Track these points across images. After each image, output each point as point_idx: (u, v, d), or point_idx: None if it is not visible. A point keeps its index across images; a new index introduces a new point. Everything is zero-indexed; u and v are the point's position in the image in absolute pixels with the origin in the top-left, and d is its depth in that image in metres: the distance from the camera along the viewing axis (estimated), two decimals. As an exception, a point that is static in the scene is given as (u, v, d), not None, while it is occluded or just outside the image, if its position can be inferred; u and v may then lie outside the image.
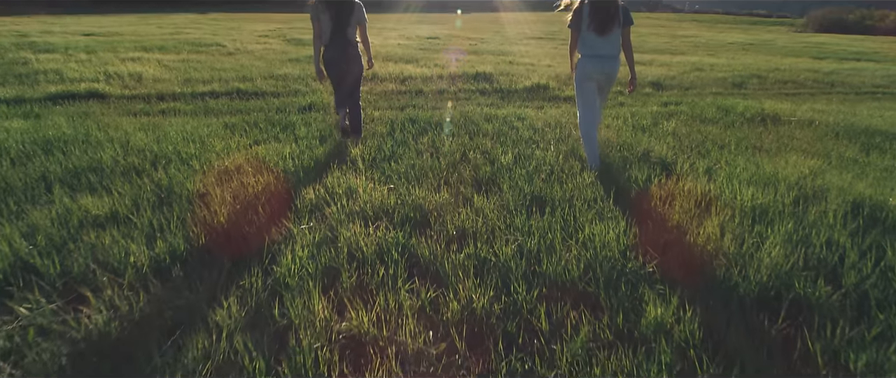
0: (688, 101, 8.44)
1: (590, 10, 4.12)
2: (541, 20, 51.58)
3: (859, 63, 18.17)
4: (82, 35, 19.31)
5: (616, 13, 4.11)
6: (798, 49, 25.09)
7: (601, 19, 4.09)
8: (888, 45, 31.56)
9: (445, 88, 8.66)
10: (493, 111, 6.59)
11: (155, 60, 11.20)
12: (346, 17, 4.65)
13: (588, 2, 4.13)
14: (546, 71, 11.41)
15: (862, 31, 58.32)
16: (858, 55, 22.02)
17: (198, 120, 5.87)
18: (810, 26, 63.55)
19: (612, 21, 4.10)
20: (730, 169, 4.31)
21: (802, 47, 26.56)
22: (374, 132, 5.39)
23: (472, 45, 18.86)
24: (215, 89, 8.04)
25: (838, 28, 60.60)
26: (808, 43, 30.41)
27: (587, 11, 4.12)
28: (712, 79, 11.87)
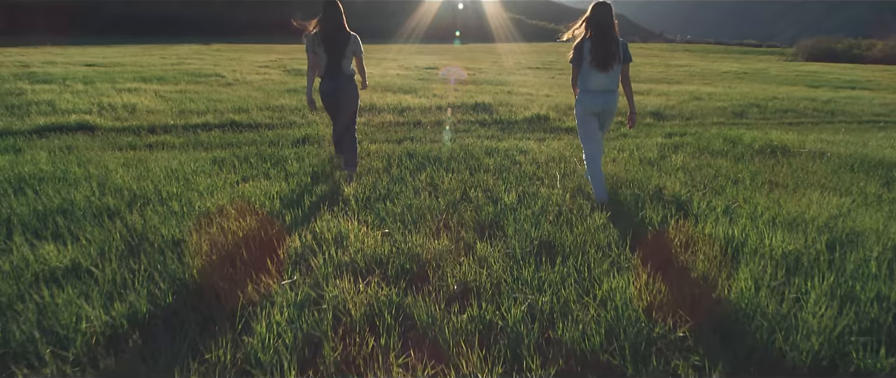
0: (692, 132, 8.13)
1: (591, 46, 4.07)
2: (535, 51, 51.96)
3: (854, 91, 17.97)
4: (84, 65, 19.13)
5: (617, 50, 4.08)
6: (792, 78, 25.01)
7: (603, 56, 4.04)
8: (879, 73, 31.56)
9: (444, 119, 8.35)
10: (493, 144, 6.25)
11: (152, 91, 10.91)
12: (343, 49, 4.53)
13: (589, 38, 4.09)
14: (545, 101, 11.14)
15: (850, 60, 58.75)
16: (852, 83, 21.89)
17: (186, 154, 5.52)
18: (800, 55, 64.14)
19: (613, 57, 4.06)
20: (750, 208, 3.95)
21: (796, 76, 26.50)
22: (370, 168, 5.03)
23: (471, 75, 18.68)
24: (209, 121, 7.71)
25: (827, 57, 61.10)
26: (801, 71, 30.38)
27: (588, 48, 4.08)
28: (712, 108, 11.60)
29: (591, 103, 4.18)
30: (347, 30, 4.59)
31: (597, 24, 4.07)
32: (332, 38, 4.49)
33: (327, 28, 4.48)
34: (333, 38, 4.49)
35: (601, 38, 4.06)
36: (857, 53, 64.26)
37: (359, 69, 4.81)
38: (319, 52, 4.51)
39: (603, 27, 4.06)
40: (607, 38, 4.05)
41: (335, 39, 4.49)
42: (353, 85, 4.73)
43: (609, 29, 4.07)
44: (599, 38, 4.06)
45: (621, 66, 4.14)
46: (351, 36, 4.59)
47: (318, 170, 4.93)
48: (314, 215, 3.61)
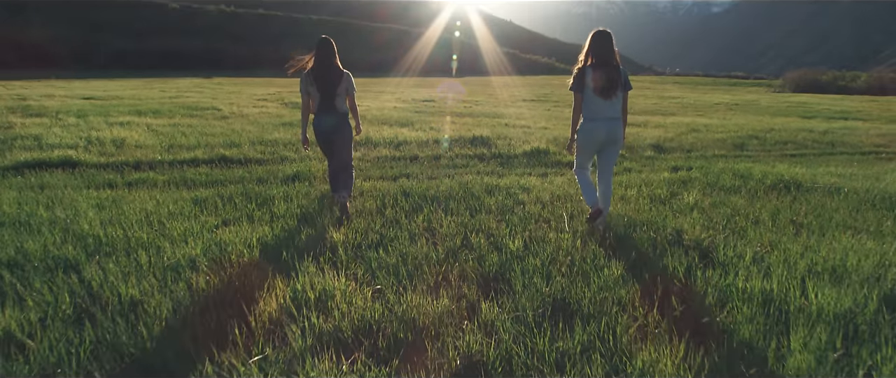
0: (697, 166, 7.74)
1: (594, 73, 3.99)
2: (529, 84, 52.07)
3: (848, 122, 17.74)
4: (82, 98, 18.79)
5: (620, 77, 4.02)
6: (783, 108, 24.90)
7: (606, 83, 3.97)
8: (867, 104, 31.58)
9: (442, 154, 7.94)
10: (494, 181, 5.82)
11: (144, 125, 10.51)
12: (335, 87, 4.49)
13: (590, 66, 4.02)
14: (543, 134, 10.78)
15: (836, 91, 59.20)
16: (844, 114, 21.71)
17: (167, 193, 5.06)
18: (787, 87, 64.69)
19: (616, 85, 4.00)
20: (780, 255, 3.50)
21: (787, 107, 26.42)
22: (363, 209, 4.57)
23: (467, 108, 18.40)
24: (198, 156, 7.28)
25: (814, 88, 61.62)
26: (791, 102, 30.35)
27: (590, 75, 4.00)
28: (711, 140, 11.26)
29: (593, 132, 4.09)
30: (340, 67, 4.55)
31: (598, 51, 4.00)
32: (325, 75, 4.45)
33: (320, 65, 4.46)
34: (326, 76, 4.45)
35: (603, 65, 3.98)
36: (843, 85, 64.91)
37: (351, 109, 4.71)
38: (312, 90, 4.47)
39: (605, 54, 3.99)
40: (609, 65, 3.98)
41: (328, 77, 4.45)
42: (347, 122, 4.67)
43: (611, 56, 4.00)
44: (602, 66, 3.98)
45: (622, 93, 4.08)
46: (344, 73, 4.53)
47: (307, 211, 4.48)
48: (297, 267, 3.14)
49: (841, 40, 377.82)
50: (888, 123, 17.90)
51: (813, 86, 63.20)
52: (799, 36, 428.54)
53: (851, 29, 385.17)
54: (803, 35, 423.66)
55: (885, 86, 63.43)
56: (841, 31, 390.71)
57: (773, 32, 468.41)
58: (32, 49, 66.35)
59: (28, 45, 66.50)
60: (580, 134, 4.19)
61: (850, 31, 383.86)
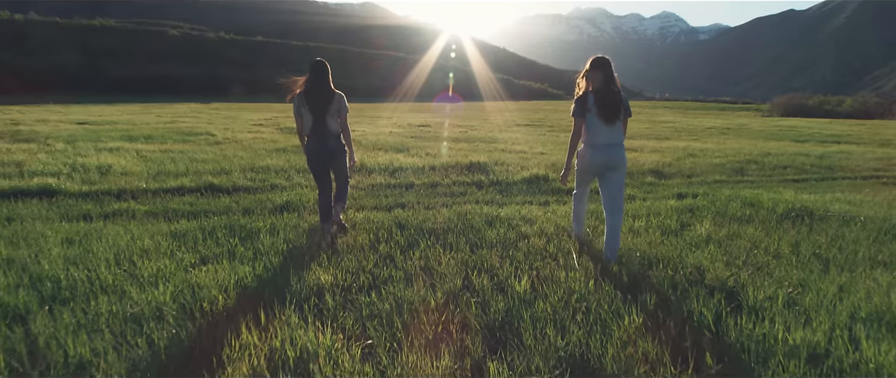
0: (702, 192, 7.40)
1: (596, 99, 3.89)
2: (523, 109, 52.16)
3: (841, 146, 17.52)
4: (76, 123, 18.41)
5: (621, 103, 3.93)
6: (775, 132, 24.75)
7: (608, 108, 3.88)
8: (856, 127, 31.55)
9: (439, 181, 7.57)
10: (494, 211, 5.43)
11: (134, 151, 10.12)
12: (327, 107, 4.37)
13: (592, 91, 3.92)
14: (540, 159, 10.45)
15: (823, 115, 59.62)
16: (836, 138, 21.56)
17: (145, 226, 4.65)
18: (776, 111, 65.10)
19: (618, 111, 3.91)
20: (815, 296, 3.11)
21: (778, 130, 26.30)
22: (353, 244, 4.16)
23: (462, 133, 18.12)
24: (185, 184, 6.87)
25: (801, 112, 62.03)
26: (782, 126, 30.29)
27: (592, 101, 3.90)
28: (710, 164, 10.96)
29: (594, 158, 3.98)
30: (333, 88, 4.43)
31: (599, 77, 3.91)
32: (317, 96, 4.34)
33: (312, 87, 4.36)
34: (318, 97, 4.34)
35: (605, 91, 3.89)
36: (829, 109, 65.43)
37: (343, 131, 4.56)
38: (304, 112, 4.36)
39: (606, 80, 3.90)
40: (611, 90, 3.90)
41: (320, 98, 4.34)
42: (341, 144, 4.53)
43: (612, 82, 3.92)
44: (604, 92, 3.89)
45: (622, 119, 3.99)
46: (336, 94, 4.42)
47: (294, 246, 4.07)
48: (278, 316, 2.73)
49: (823, 66, 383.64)
50: (881, 147, 17.72)
51: (800, 110, 63.67)
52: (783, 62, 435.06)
53: (833, 55, 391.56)
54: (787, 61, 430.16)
55: (869, 110, 64.05)
56: (823, 58, 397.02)
57: (758, 58, 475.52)
58: (33, 75, 66.29)
59: (28, 72, 66.48)
60: (580, 159, 4.09)
61: (831, 58, 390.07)
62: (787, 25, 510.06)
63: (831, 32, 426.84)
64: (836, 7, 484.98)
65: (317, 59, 4.48)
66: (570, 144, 4.09)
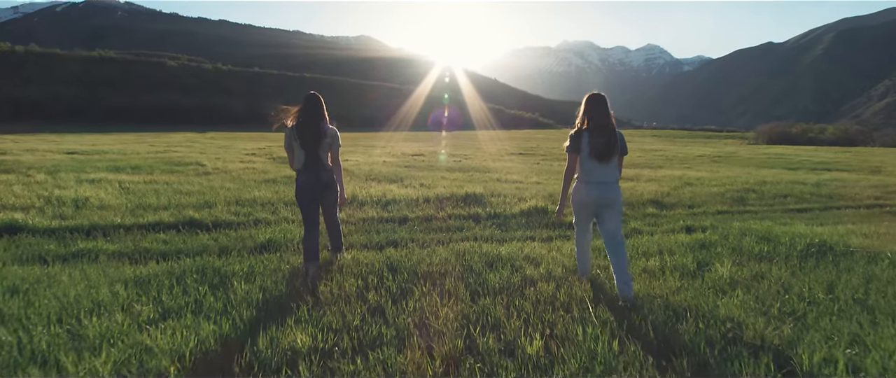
0: (709, 224, 6.95)
1: (591, 137, 3.81)
2: (514, 138, 52.03)
3: (834, 173, 17.23)
4: (64, 153, 17.83)
5: (617, 141, 3.84)
6: (765, 160, 24.53)
7: (602, 147, 3.79)
8: (842, 155, 31.43)
9: (433, 214, 7.06)
10: (494, 249, 4.91)
11: (117, 182, 9.55)
12: (320, 141, 4.13)
13: (587, 129, 3.84)
14: (537, 189, 9.99)
15: (806, 142, 60.02)
16: (826, 165, 21.33)
17: (106, 271, 4.08)
18: (761, 139, 65.56)
19: (613, 149, 3.82)
20: (877, 359, 2.60)
21: (767, 158, 26.11)
22: (339, 293, 3.61)
23: (456, 162, 17.70)
24: (163, 220, 6.32)
25: (785, 140, 62.46)
26: (769, 154, 30.16)
27: (587, 139, 3.81)
28: (709, 194, 10.54)
29: (588, 195, 3.86)
30: (327, 122, 4.24)
31: (595, 115, 3.83)
32: (310, 130, 4.11)
33: (305, 120, 4.13)
34: (311, 130, 4.11)
35: (600, 129, 3.80)
36: (812, 136, 65.93)
37: (333, 164, 4.31)
38: (296, 145, 4.13)
39: (601, 118, 3.82)
40: (606, 129, 3.80)
41: (313, 131, 4.11)
42: (333, 180, 4.28)
43: (607, 119, 3.83)
44: (598, 130, 3.80)
45: (618, 157, 3.89)
46: (329, 129, 4.21)
47: (271, 294, 3.53)
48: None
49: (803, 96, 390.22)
50: (873, 174, 17.46)
51: (784, 138, 64.11)
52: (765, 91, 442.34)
53: (812, 85, 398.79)
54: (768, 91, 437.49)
55: (852, 137, 64.67)
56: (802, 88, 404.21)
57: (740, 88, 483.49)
58: (30, 105, 65.77)
59: (26, 101, 65.94)
60: (575, 195, 3.96)
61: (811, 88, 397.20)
62: (766, 57, 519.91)
63: (809, 64, 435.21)
64: (812, 40, 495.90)
65: (310, 92, 4.26)
66: (564, 179, 4.02)
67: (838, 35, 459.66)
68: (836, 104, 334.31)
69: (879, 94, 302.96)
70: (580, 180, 3.91)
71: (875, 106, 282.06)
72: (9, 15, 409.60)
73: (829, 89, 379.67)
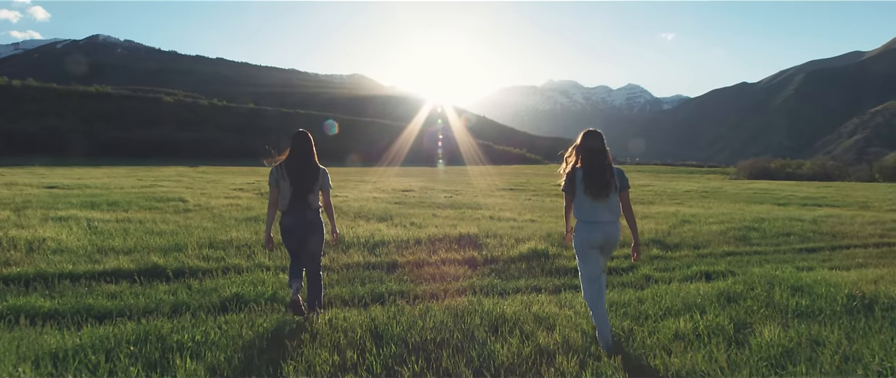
0: (724, 268, 6.25)
1: (584, 174, 3.60)
2: (503, 173, 51.60)
3: (826, 209, 16.68)
4: (45, 187, 16.85)
5: (611, 178, 3.60)
6: (751, 195, 24.09)
7: (597, 185, 3.56)
8: (824, 189, 31.12)
9: (425, 259, 6.27)
10: (496, 305, 4.12)
11: (86, 221, 8.68)
12: (311, 182, 3.95)
13: (581, 166, 3.64)
14: (533, 228, 9.27)
15: (785, 177, 60.27)
16: (813, 200, 20.92)
17: (23, 341, 3.24)
18: (742, 174, 65.81)
19: (607, 186, 3.58)
20: None
21: (753, 193, 25.70)
22: (310, 370, 2.80)
23: (448, 198, 16.97)
24: (122, 267, 5.47)
25: (765, 175, 62.72)
26: (754, 189, 29.82)
27: (580, 177, 3.61)
28: (710, 232, 9.88)
29: (589, 235, 3.59)
30: (317, 162, 4.05)
31: (588, 151, 3.64)
32: (300, 169, 3.93)
33: (295, 159, 3.95)
34: (301, 170, 3.93)
35: (593, 165, 3.60)
36: (790, 171, 66.37)
37: (326, 208, 4.11)
38: (284, 184, 3.92)
39: (595, 154, 3.62)
40: (600, 165, 3.59)
41: (303, 171, 3.94)
42: (319, 220, 4.04)
43: (602, 156, 3.61)
44: (592, 166, 3.60)
45: (619, 193, 3.64)
46: (320, 169, 4.04)
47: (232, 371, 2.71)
48: None
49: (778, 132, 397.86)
50: (863, 210, 16.96)
51: (764, 173, 64.37)
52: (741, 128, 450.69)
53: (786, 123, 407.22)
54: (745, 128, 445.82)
55: (828, 172, 65.13)
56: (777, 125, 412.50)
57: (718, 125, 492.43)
58: (24, 137, 64.42)
59: (20, 134, 64.61)
60: (576, 238, 3.68)
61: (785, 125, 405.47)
62: (742, 96, 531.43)
63: (782, 103, 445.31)
64: (783, 80, 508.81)
65: (299, 130, 4.08)
66: (565, 218, 3.87)
67: (807, 76, 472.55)
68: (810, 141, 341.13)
69: (849, 131, 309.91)
70: (580, 221, 3.65)
71: (845, 142, 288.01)
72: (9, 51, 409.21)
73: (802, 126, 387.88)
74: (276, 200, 4.00)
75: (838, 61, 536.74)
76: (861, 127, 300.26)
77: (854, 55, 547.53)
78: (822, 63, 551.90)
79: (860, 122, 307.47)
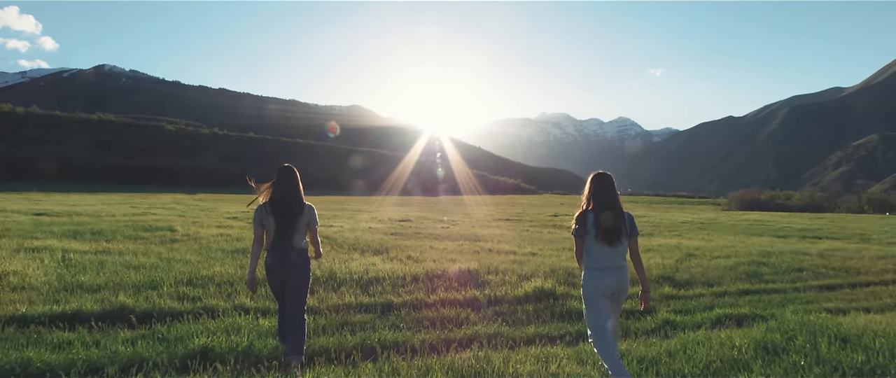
0: (750, 312, 5.62)
1: (595, 219, 3.43)
2: (498, 203, 51.01)
3: (828, 243, 16.10)
4: (32, 214, 16.09)
5: (622, 223, 3.45)
6: (747, 227, 23.54)
7: (608, 230, 3.39)
8: (818, 221, 30.62)
9: (423, 299, 5.60)
10: (506, 363, 3.46)
11: (61, 252, 7.97)
12: (296, 220, 3.70)
13: (592, 210, 3.46)
14: (536, 263, 8.63)
15: (775, 208, 60.06)
16: (812, 232, 20.38)
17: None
18: (733, 205, 65.58)
19: (619, 232, 3.42)
20: None
21: (749, 225, 25.17)
22: None
23: (444, 228, 16.33)
24: (85, 308, 4.79)
25: (755, 206, 62.52)
26: (749, 220, 29.32)
27: (591, 221, 3.43)
28: (719, 267, 9.30)
29: (600, 282, 3.45)
30: (303, 199, 3.79)
31: (598, 195, 3.50)
32: (285, 206, 3.69)
33: (280, 195, 3.71)
34: (287, 207, 3.69)
35: (605, 210, 3.46)
36: (780, 203, 66.26)
37: (313, 242, 3.86)
38: (268, 222, 3.69)
39: (607, 198, 3.49)
40: (612, 210, 3.46)
41: (289, 208, 3.69)
42: (305, 260, 3.77)
43: (613, 201, 3.49)
44: (604, 210, 3.46)
45: (629, 240, 3.52)
46: (307, 206, 3.78)
47: None
48: None
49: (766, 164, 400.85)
50: (864, 243, 16.40)
51: (754, 204, 64.14)
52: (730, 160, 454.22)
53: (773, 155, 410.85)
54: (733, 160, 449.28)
55: (817, 203, 65.00)
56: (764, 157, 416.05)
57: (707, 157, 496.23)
58: (24, 163, 63.69)
59: (20, 160, 63.90)
60: (585, 285, 3.51)
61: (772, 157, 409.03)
62: (729, 129, 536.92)
63: (767, 136, 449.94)
64: (768, 114, 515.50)
65: (284, 165, 3.84)
66: (578, 262, 3.60)
67: (791, 110, 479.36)
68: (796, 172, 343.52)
69: (834, 163, 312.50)
70: (589, 267, 3.47)
71: (831, 174, 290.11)
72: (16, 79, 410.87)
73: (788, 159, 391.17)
74: (261, 239, 3.75)
75: (820, 97, 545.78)
76: (845, 159, 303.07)
77: (834, 91, 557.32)
78: (805, 98, 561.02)
79: (844, 154, 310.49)
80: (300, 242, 3.73)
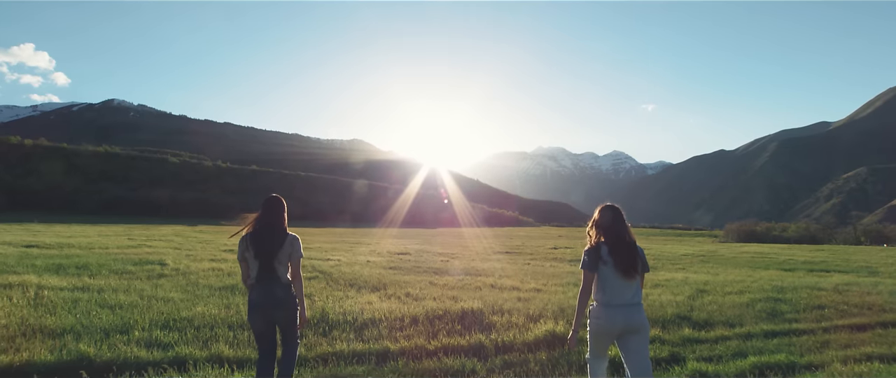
0: (786, 360, 4.95)
1: (611, 249, 3.17)
2: (498, 235, 50.14)
3: (837, 276, 15.36)
4: (22, 246, 15.36)
5: (638, 255, 3.22)
6: (749, 260, 22.80)
7: (627, 261, 3.14)
8: (819, 253, 29.86)
9: (423, 345, 4.92)
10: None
11: (35, 289, 7.30)
12: (276, 251, 3.37)
13: (604, 243, 3.21)
14: (542, 300, 7.97)
15: (772, 240, 59.29)
16: (818, 265, 19.64)
17: None
18: (730, 237, 64.80)
19: (636, 263, 3.18)
20: None
21: (751, 258, 24.43)
22: None
23: (444, 262, 15.63)
24: (36, 359, 4.12)
25: (752, 238, 61.76)
26: (751, 253, 28.58)
27: (606, 252, 3.17)
28: (734, 305, 8.66)
29: (609, 320, 3.15)
30: (286, 229, 3.49)
31: (610, 228, 3.22)
32: (265, 237, 3.39)
33: (264, 222, 3.42)
34: (267, 238, 3.39)
35: (620, 243, 3.18)
36: (776, 235, 65.52)
37: (295, 281, 3.50)
38: (249, 256, 3.40)
39: (619, 231, 3.20)
40: (626, 242, 3.21)
41: (270, 239, 3.39)
42: (291, 296, 3.46)
43: (626, 232, 3.23)
44: (618, 243, 3.17)
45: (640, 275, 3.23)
46: (289, 236, 3.48)
47: None
48: None
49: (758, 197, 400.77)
50: (873, 276, 15.67)
51: (751, 236, 63.36)
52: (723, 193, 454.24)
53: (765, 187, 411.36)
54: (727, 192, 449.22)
55: (813, 235, 64.24)
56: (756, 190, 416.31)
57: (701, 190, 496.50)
58: (28, 194, 63.03)
59: (24, 191, 63.29)
60: (594, 321, 3.23)
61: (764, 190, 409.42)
62: (721, 162, 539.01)
63: (759, 169, 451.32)
64: (758, 148, 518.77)
65: (271, 195, 3.61)
66: (579, 302, 3.30)
67: (780, 144, 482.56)
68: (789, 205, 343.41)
69: (825, 195, 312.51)
70: (600, 303, 3.21)
71: (823, 206, 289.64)
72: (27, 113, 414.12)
73: (780, 191, 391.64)
74: (247, 276, 3.52)
75: (808, 131, 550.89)
76: (836, 192, 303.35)
77: (822, 125, 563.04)
78: (793, 132, 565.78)
79: (835, 187, 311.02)
80: (285, 277, 3.47)
